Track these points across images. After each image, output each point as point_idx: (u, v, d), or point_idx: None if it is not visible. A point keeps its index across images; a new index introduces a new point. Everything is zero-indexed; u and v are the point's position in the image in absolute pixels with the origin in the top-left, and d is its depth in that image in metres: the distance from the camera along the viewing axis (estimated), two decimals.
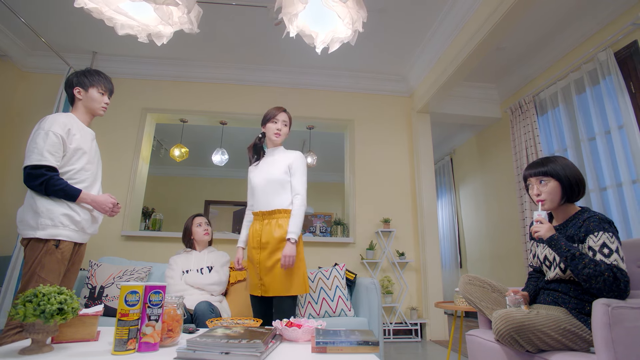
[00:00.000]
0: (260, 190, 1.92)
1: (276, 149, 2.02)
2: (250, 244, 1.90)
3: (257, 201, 1.93)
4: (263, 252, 1.84)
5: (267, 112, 2.03)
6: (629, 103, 2.63)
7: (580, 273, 1.27)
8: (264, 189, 1.91)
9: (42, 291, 1.05)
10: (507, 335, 1.23)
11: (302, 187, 1.91)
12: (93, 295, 2.23)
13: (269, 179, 1.91)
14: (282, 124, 1.98)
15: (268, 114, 2.02)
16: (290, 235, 1.78)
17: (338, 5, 1.51)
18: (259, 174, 1.96)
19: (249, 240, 1.92)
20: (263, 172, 1.95)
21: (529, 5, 2.45)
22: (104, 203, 1.71)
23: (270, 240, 1.83)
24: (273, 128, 1.98)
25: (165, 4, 1.54)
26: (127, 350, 1.04)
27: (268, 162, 1.99)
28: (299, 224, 1.83)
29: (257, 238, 1.87)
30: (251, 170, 2.02)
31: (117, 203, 1.78)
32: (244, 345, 1.01)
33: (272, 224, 1.86)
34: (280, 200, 1.88)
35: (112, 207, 1.74)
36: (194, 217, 2.41)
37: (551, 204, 1.47)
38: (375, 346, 1.13)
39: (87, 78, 1.77)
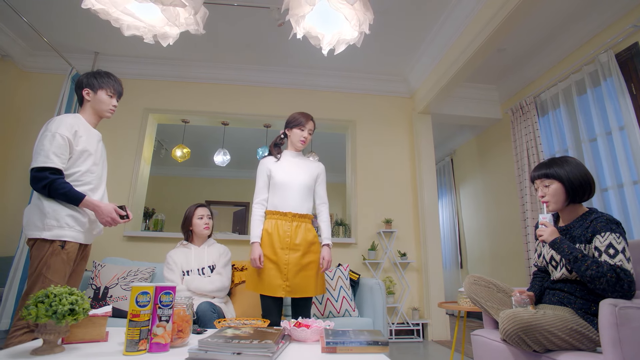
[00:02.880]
0: (294, 191, 1.93)
1: (298, 154, 2.06)
2: (275, 244, 1.86)
3: (287, 201, 1.91)
4: (294, 254, 1.85)
5: (294, 117, 2.02)
6: (630, 104, 2.65)
7: (583, 275, 1.28)
8: (299, 191, 1.94)
9: (53, 292, 1.06)
10: (515, 335, 1.24)
11: (326, 197, 2.08)
12: (97, 295, 2.23)
13: (303, 184, 1.95)
14: (308, 132, 2.00)
15: (296, 119, 2.01)
16: (328, 241, 1.95)
17: (345, 7, 1.52)
18: (290, 175, 1.95)
19: (272, 240, 1.87)
20: (294, 174, 1.95)
21: (531, 8, 2.47)
22: (105, 214, 1.65)
23: (303, 242, 1.89)
24: (300, 135, 1.99)
25: (172, 5, 1.54)
26: (139, 351, 1.04)
27: (296, 165, 2.00)
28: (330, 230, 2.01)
29: (288, 239, 1.87)
30: (274, 167, 1.97)
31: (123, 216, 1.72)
32: (255, 346, 1.01)
33: (302, 227, 1.91)
34: (308, 205, 1.98)
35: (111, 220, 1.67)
36: (197, 207, 2.29)
37: (555, 205, 1.48)
38: (384, 346, 1.14)
39: (96, 80, 1.76)
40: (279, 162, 2.00)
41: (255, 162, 5.21)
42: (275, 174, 1.95)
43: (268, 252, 1.86)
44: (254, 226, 1.90)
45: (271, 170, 1.96)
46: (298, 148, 2.03)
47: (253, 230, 1.89)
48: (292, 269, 1.83)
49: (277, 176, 1.94)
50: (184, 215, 2.29)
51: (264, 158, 2.04)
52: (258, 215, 1.93)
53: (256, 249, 1.85)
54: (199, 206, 2.30)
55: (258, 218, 1.92)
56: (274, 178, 1.94)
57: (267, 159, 2.01)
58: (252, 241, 1.87)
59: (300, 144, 2.00)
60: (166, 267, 2.16)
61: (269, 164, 1.99)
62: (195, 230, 2.25)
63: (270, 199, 1.95)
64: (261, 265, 1.83)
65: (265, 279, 1.83)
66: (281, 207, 1.91)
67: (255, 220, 1.91)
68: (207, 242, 2.30)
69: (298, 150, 2.05)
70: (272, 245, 1.86)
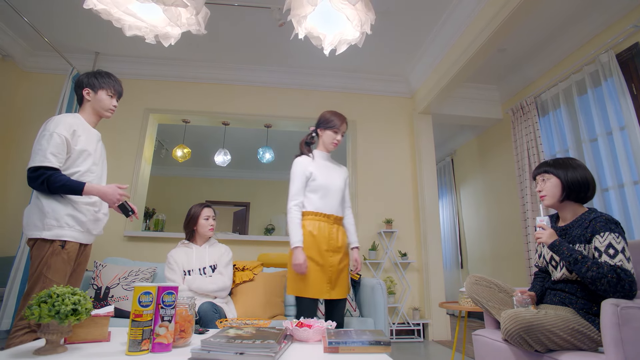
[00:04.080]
0: (334, 194, 1.90)
1: (329, 156, 2.01)
2: (321, 247, 1.81)
3: (330, 204, 1.88)
4: (337, 256, 1.84)
5: (328, 117, 1.95)
6: (631, 104, 2.65)
7: (584, 276, 1.29)
8: (338, 194, 1.91)
9: (56, 292, 1.06)
10: (516, 335, 1.24)
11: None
12: (99, 296, 2.23)
13: (340, 187, 1.93)
14: (341, 135, 1.96)
15: (330, 121, 1.94)
16: (358, 244, 1.98)
17: (347, 7, 1.52)
18: (330, 178, 1.91)
19: (318, 242, 1.80)
20: (332, 177, 1.92)
21: (532, 8, 2.47)
22: (111, 194, 1.65)
23: (343, 245, 1.89)
24: (333, 137, 1.94)
25: (174, 6, 1.54)
26: (141, 351, 1.04)
27: (330, 168, 1.96)
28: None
29: (333, 242, 1.84)
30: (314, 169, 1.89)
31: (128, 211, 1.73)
32: (258, 346, 1.01)
33: (340, 230, 1.91)
34: (342, 208, 1.97)
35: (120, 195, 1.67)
36: (203, 207, 2.26)
37: (551, 199, 1.51)
38: (387, 346, 1.14)
39: (97, 80, 1.77)
40: (315, 162, 1.92)
41: (256, 162, 5.29)
42: (317, 176, 1.87)
43: (313, 254, 1.78)
44: (295, 229, 1.78)
45: (312, 172, 1.88)
46: (329, 150, 1.98)
47: (294, 234, 1.77)
48: (335, 271, 1.82)
49: (320, 178, 1.88)
50: (189, 214, 2.26)
51: (299, 157, 1.93)
52: (297, 218, 1.82)
53: (300, 254, 1.74)
54: (205, 206, 2.27)
55: (297, 221, 1.81)
56: (317, 180, 1.87)
57: (305, 159, 1.91)
58: (295, 246, 1.76)
59: (333, 146, 1.96)
60: (167, 266, 2.15)
61: (308, 164, 1.90)
62: (200, 230, 2.24)
63: (311, 200, 1.87)
64: (306, 271, 1.74)
65: (311, 282, 1.76)
66: (324, 209, 1.86)
67: (295, 224, 1.80)
68: (209, 241, 2.29)
69: (328, 152, 2.00)
70: (318, 247, 1.79)
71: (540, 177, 1.56)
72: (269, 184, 7.49)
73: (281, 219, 7.47)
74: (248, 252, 3.55)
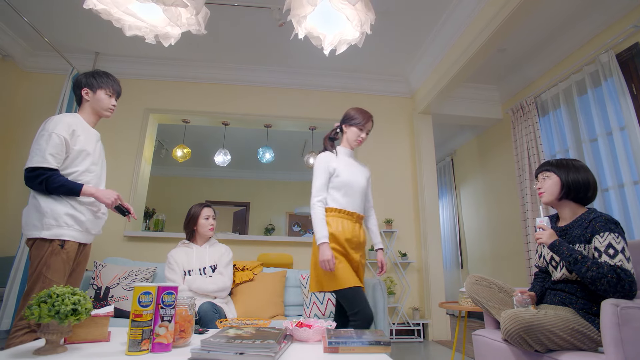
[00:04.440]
0: (357, 192, 1.85)
1: (352, 154, 1.97)
2: (349, 244, 1.77)
3: (353, 202, 1.84)
4: (358, 253, 1.81)
5: (353, 114, 1.91)
6: (631, 104, 2.65)
7: (584, 276, 1.29)
8: (361, 192, 1.87)
9: (56, 292, 1.06)
10: (516, 335, 1.24)
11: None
12: (99, 295, 2.23)
13: (363, 186, 1.89)
14: (366, 133, 1.92)
15: (356, 118, 1.90)
16: (382, 245, 1.96)
17: (347, 7, 1.52)
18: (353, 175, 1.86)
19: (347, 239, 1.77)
20: (355, 175, 1.87)
21: (532, 8, 2.47)
22: (107, 197, 1.66)
23: (364, 243, 1.87)
24: (357, 135, 1.89)
25: (174, 6, 1.54)
26: (141, 351, 1.04)
27: (353, 165, 1.92)
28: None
29: (357, 239, 1.80)
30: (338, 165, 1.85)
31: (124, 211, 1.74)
32: (258, 346, 1.01)
33: (362, 229, 1.88)
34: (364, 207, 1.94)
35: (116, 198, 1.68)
36: (203, 207, 2.26)
37: (549, 197, 1.52)
38: (387, 346, 1.14)
39: (95, 79, 1.77)
40: (338, 159, 1.88)
41: (256, 162, 5.30)
42: (341, 173, 1.83)
43: (345, 251, 1.76)
44: (320, 225, 1.73)
45: (336, 168, 1.83)
46: (353, 147, 1.94)
47: (320, 230, 1.72)
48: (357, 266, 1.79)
49: (344, 175, 1.83)
50: (189, 214, 2.26)
51: (323, 153, 1.89)
52: (322, 213, 1.77)
53: (327, 249, 1.68)
54: (205, 206, 2.27)
55: (322, 217, 1.76)
56: (341, 177, 1.82)
57: (329, 155, 1.87)
58: (322, 242, 1.69)
59: (357, 144, 1.92)
60: (167, 266, 2.14)
61: (332, 160, 1.85)
62: (200, 230, 2.23)
63: (335, 197, 1.82)
64: (334, 267, 1.68)
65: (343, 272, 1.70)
66: (348, 207, 1.82)
67: (320, 219, 1.75)
68: (209, 241, 2.29)
69: (352, 149, 1.96)
70: (347, 244, 1.77)
71: (542, 175, 1.57)
72: (269, 184, 7.49)
73: (281, 219, 7.48)
74: (248, 252, 3.55)
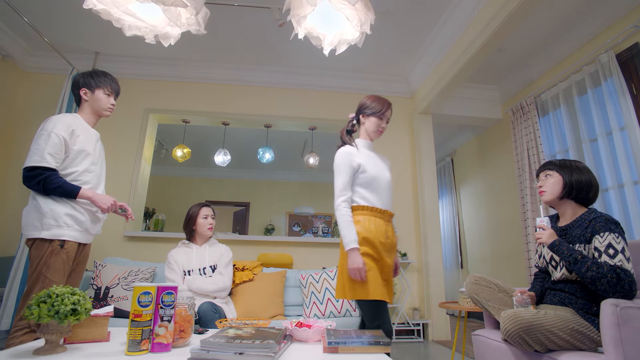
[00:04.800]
0: (385, 188, 1.69)
1: (372, 146, 1.80)
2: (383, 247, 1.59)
3: (383, 198, 1.67)
4: (391, 256, 1.65)
5: (372, 103, 1.75)
6: (631, 105, 2.65)
7: (584, 276, 1.29)
8: (388, 187, 1.71)
9: (55, 292, 1.06)
10: (516, 335, 1.24)
11: None
12: (98, 295, 2.23)
13: (389, 180, 1.73)
14: (386, 123, 1.76)
15: (374, 106, 1.74)
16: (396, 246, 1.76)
17: (346, 7, 1.52)
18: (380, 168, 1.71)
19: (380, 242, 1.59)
20: (380, 168, 1.72)
21: (532, 8, 2.47)
22: (104, 200, 1.67)
23: (395, 245, 1.70)
24: (377, 125, 1.74)
25: (173, 6, 1.54)
26: (141, 351, 1.04)
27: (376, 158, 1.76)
28: None
29: (390, 241, 1.63)
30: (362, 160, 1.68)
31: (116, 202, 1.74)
32: (257, 346, 1.01)
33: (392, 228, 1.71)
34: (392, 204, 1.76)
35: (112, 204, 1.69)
36: (201, 206, 2.26)
37: (550, 195, 1.52)
38: (386, 346, 1.14)
39: (93, 79, 1.77)
40: (360, 153, 1.71)
41: (256, 162, 5.30)
42: (367, 168, 1.66)
43: (378, 255, 1.58)
44: (348, 229, 1.55)
45: (361, 164, 1.66)
46: (372, 138, 1.78)
47: (348, 234, 1.54)
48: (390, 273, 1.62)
49: (370, 170, 1.66)
50: (187, 214, 2.27)
51: (343, 148, 1.72)
52: (348, 215, 1.59)
53: (358, 256, 1.51)
54: (203, 206, 2.27)
55: (349, 219, 1.59)
56: (367, 172, 1.65)
57: (351, 150, 1.70)
58: (351, 247, 1.52)
59: (377, 135, 1.76)
60: (167, 266, 2.15)
61: (355, 155, 1.68)
62: (199, 229, 2.24)
63: (362, 195, 1.65)
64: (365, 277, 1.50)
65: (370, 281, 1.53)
66: (378, 204, 1.64)
67: (347, 222, 1.57)
68: (209, 241, 2.29)
69: (371, 141, 1.80)
70: (380, 247, 1.58)
71: (544, 174, 1.57)
72: (269, 184, 7.49)
73: (281, 219, 7.48)
74: (248, 252, 3.55)
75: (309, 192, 7.46)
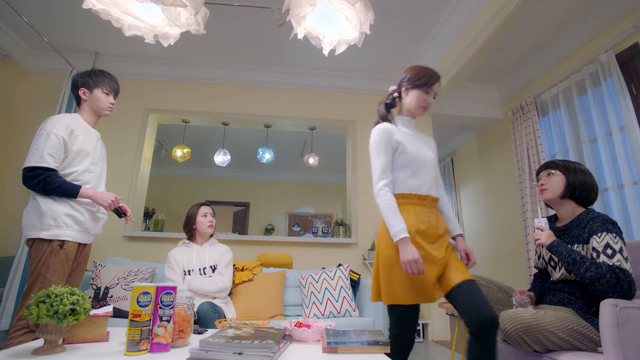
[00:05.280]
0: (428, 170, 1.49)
1: (413, 124, 1.59)
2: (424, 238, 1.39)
3: (425, 182, 1.46)
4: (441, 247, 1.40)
5: (418, 73, 1.53)
6: (630, 105, 2.65)
7: (583, 277, 1.29)
8: (432, 169, 1.51)
9: (54, 292, 1.06)
10: (516, 335, 1.24)
11: None
12: (98, 295, 2.23)
13: (433, 161, 1.53)
14: (432, 98, 1.54)
15: (421, 77, 1.51)
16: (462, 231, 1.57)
17: (346, 7, 1.52)
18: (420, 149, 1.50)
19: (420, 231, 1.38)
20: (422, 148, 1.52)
21: (532, 8, 2.47)
22: (104, 197, 1.67)
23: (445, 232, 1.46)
24: (423, 99, 1.51)
25: (173, 5, 1.54)
26: (140, 351, 1.04)
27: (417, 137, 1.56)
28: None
29: (434, 230, 1.42)
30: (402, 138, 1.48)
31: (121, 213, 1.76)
32: (256, 346, 1.01)
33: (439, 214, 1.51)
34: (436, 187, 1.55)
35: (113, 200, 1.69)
36: (200, 205, 2.27)
37: (552, 194, 1.52)
38: (385, 346, 1.14)
39: (91, 78, 1.76)
40: (399, 131, 1.52)
41: (256, 162, 5.30)
42: (406, 147, 1.46)
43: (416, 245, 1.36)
44: (393, 215, 1.35)
45: (400, 141, 1.46)
46: (415, 115, 1.56)
47: (395, 223, 1.33)
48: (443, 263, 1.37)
49: (411, 149, 1.46)
50: (187, 214, 2.27)
51: (380, 125, 1.52)
52: (392, 201, 1.39)
53: (410, 247, 1.30)
54: (202, 205, 2.29)
55: (393, 205, 1.38)
56: (407, 152, 1.45)
57: (389, 127, 1.50)
58: (401, 237, 1.31)
59: (421, 111, 1.54)
60: (167, 266, 2.14)
61: (394, 133, 1.48)
62: (199, 228, 2.24)
63: (400, 178, 1.45)
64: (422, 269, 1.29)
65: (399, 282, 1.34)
66: (418, 189, 1.44)
67: (391, 208, 1.36)
68: (209, 241, 2.29)
69: (413, 118, 1.58)
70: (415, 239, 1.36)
71: (546, 172, 1.57)
72: (268, 184, 7.49)
73: (281, 219, 7.48)
74: (248, 252, 3.55)
75: (308, 192, 7.46)
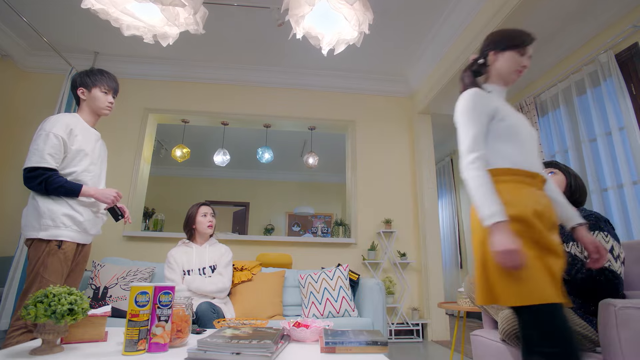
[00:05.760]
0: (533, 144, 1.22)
1: (504, 94, 1.29)
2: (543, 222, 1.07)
3: (532, 158, 1.17)
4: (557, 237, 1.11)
5: (509, 34, 1.28)
6: (630, 105, 2.65)
7: (574, 278, 1.30)
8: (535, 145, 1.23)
9: (52, 292, 1.05)
10: (514, 335, 1.24)
11: None
12: (97, 295, 2.23)
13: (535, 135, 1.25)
14: (528, 60, 1.26)
15: (514, 38, 1.26)
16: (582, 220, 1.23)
17: (344, 7, 1.52)
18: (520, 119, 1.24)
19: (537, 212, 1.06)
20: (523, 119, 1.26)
21: (531, 8, 2.47)
22: (107, 194, 1.68)
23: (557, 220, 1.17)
24: (517, 62, 1.25)
25: (172, 5, 1.54)
26: (138, 351, 1.04)
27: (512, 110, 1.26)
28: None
29: (549, 215, 1.11)
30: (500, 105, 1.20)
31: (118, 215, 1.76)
32: (254, 346, 1.01)
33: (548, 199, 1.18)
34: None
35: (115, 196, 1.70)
36: (200, 205, 2.27)
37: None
38: (384, 346, 1.13)
39: (89, 78, 1.76)
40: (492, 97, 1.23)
41: (255, 162, 5.30)
42: (507, 114, 1.19)
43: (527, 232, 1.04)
44: (486, 196, 1.05)
45: (498, 108, 1.19)
46: (508, 82, 1.28)
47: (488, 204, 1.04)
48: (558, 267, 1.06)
49: (512, 118, 1.19)
50: (187, 214, 2.27)
51: (471, 90, 1.22)
52: (485, 177, 1.08)
53: (507, 233, 1.00)
54: (202, 204, 2.28)
55: (487, 181, 1.08)
56: (507, 120, 1.18)
57: (482, 93, 1.21)
58: (495, 220, 1.01)
59: (515, 76, 1.26)
60: (167, 266, 2.14)
61: (488, 98, 1.20)
62: (199, 228, 2.23)
63: (502, 152, 1.15)
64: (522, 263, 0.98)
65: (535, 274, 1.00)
66: (526, 166, 1.14)
67: (483, 186, 1.07)
68: (209, 241, 2.28)
69: (505, 87, 1.29)
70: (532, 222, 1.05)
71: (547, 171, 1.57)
72: (268, 184, 7.49)
73: (280, 219, 7.47)
74: (247, 252, 3.55)
75: (308, 192, 7.46)
